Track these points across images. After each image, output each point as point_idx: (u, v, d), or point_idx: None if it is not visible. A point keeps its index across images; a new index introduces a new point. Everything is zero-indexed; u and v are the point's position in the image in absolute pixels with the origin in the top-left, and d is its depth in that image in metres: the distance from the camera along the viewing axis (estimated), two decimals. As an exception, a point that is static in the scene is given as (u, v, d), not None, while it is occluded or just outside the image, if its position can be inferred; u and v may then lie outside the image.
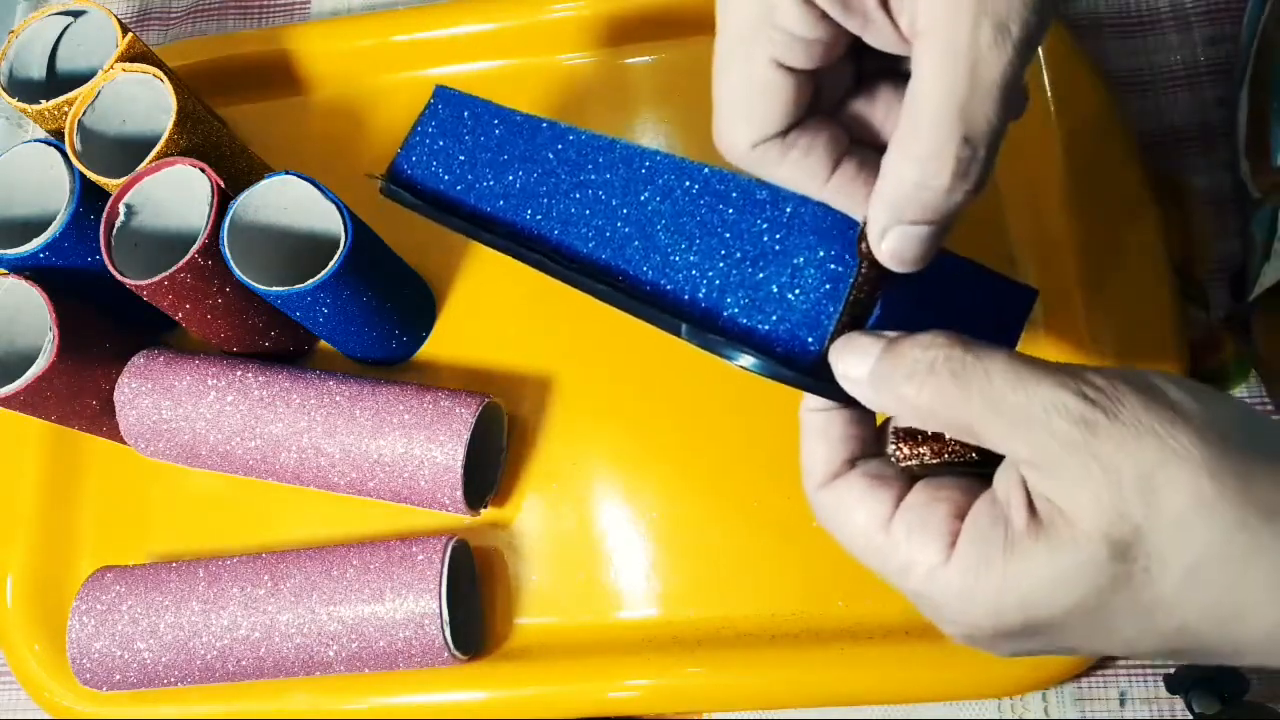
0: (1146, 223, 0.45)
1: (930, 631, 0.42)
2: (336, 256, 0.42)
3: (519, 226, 0.34)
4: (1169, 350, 0.43)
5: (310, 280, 0.42)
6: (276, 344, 0.49)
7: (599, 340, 0.49)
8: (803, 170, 0.27)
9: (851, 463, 0.27)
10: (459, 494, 0.44)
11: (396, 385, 0.46)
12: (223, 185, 0.43)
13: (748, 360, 0.27)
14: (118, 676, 0.44)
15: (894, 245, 0.25)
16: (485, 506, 0.47)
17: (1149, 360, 0.43)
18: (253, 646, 0.43)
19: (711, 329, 0.29)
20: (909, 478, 0.27)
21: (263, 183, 0.43)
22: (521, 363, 0.49)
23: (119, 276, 0.42)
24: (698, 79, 0.53)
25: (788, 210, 0.29)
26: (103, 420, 0.48)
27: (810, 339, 0.28)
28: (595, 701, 0.44)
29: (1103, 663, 0.42)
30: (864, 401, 0.26)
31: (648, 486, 0.47)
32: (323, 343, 0.51)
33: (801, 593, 0.44)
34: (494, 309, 0.51)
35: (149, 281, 0.42)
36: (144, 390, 0.46)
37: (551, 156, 0.34)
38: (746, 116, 0.26)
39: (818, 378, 0.27)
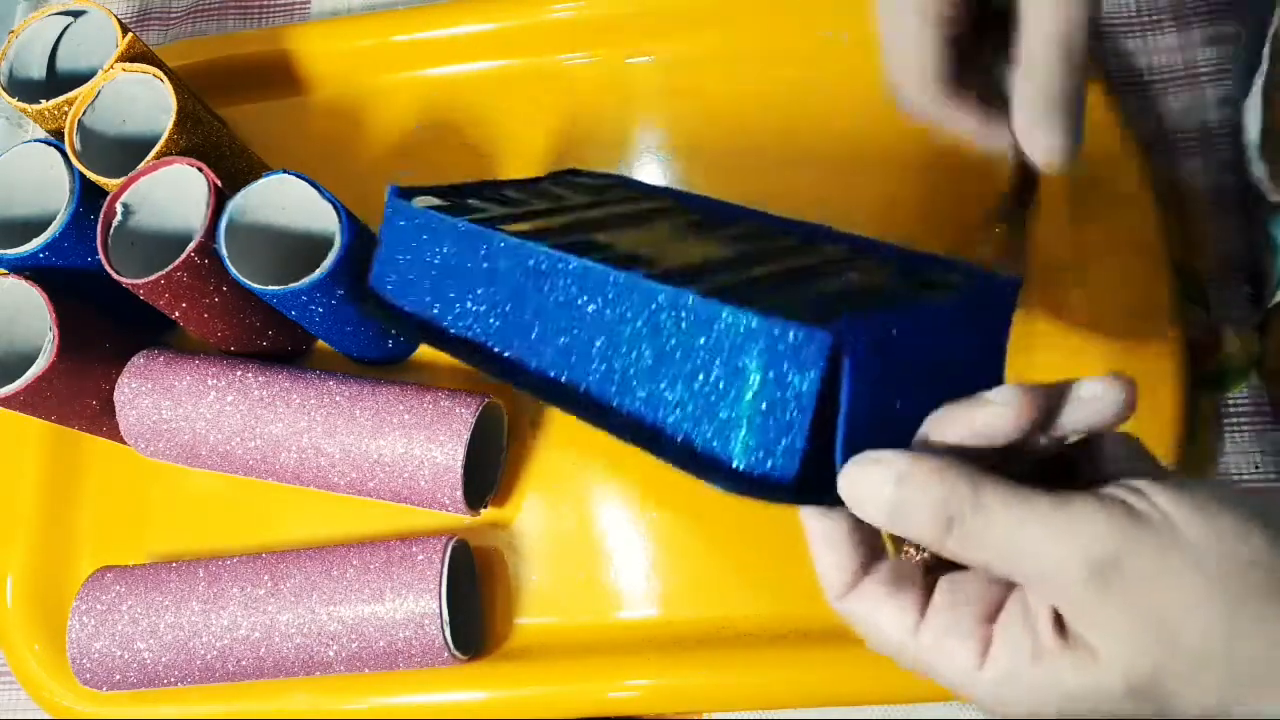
0: (1146, 223, 0.45)
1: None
2: (331, 255, 0.42)
3: (489, 347, 0.34)
4: (1169, 350, 0.43)
5: (305, 278, 0.42)
6: (275, 343, 0.49)
7: (599, 340, 0.49)
8: (977, 112, 0.32)
9: (866, 567, 0.27)
10: (459, 494, 0.44)
11: (396, 385, 0.46)
12: (220, 184, 0.43)
13: (730, 489, 0.26)
14: (118, 676, 0.44)
15: (1041, 131, 0.30)
16: (485, 506, 0.47)
17: (1148, 361, 0.43)
18: (253, 646, 0.43)
19: (688, 458, 0.27)
20: (926, 570, 0.27)
21: (260, 182, 0.43)
22: (521, 363, 0.49)
23: (116, 275, 0.42)
24: (698, 79, 0.53)
25: (738, 332, 0.26)
26: (103, 420, 0.48)
27: (785, 462, 0.26)
28: (595, 701, 0.44)
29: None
30: (878, 525, 0.25)
31: (648, 486, 0.47)
32: (321, 342, 0.51)
33: (801, 593, 0.44)
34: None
35: (146, 280, 0.42)
36: (144, 390, 0.46)
37: (512, 273, 0.33)
38: (926, 56, 0.32)
39: (805, 491, 0.26)
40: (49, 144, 0.45)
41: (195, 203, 0.43)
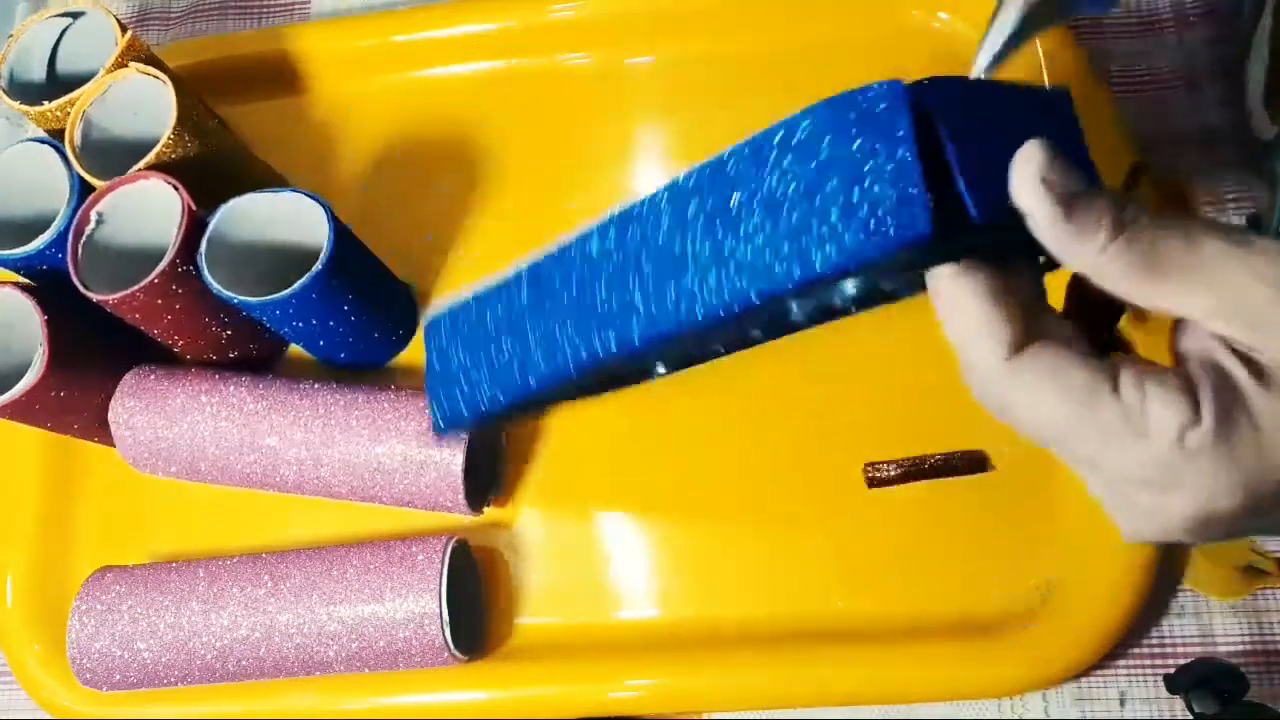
0: (1146, 223, 0.45)
1: (929, 631, 0.42)
2: (319, 260, 0.41)
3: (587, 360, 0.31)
4: (1167, 348, 0.43)
5: (290, 288, 0.41)
6: (247, 354, 0.49)
7: (599, 340, 0.49)
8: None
9: (1028, 331, 0.25)
10: (460, 495, 0.44)
11: (391, 390, 0.46)
12: (194, 206, 0.43)
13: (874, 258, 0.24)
14: (118, 676, 0.44)
15: None
16: (488, 505, 0.47)
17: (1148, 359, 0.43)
18: (253, 646, 0.43)
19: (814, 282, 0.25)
20: None
21: (246, 196, 0.43)
22: (521, 363, 0.49)
23: (83, 290, 0.42)
24: (698, 79, 0.53)
25: (809, 137, 0.27)
26: (97, 431, 0.47)
27: (914, 213, 0.24)
28: (596, 701, 0.44)
29: (1103, 663, 0.42)
30: (1050, 242, 0.24)
31: (648, 486, 0.47)
32: (294, 347, 0.51)
33: (801, 593, 0.44)
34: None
35: (115, 296, 0.41)
36: (138, 409, 0.46)
37: (561, 285, 0.32)
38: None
39: (946, 241, 0.24)
40: (46, 143, 0.45)
41: (173, 218, 0.43)
